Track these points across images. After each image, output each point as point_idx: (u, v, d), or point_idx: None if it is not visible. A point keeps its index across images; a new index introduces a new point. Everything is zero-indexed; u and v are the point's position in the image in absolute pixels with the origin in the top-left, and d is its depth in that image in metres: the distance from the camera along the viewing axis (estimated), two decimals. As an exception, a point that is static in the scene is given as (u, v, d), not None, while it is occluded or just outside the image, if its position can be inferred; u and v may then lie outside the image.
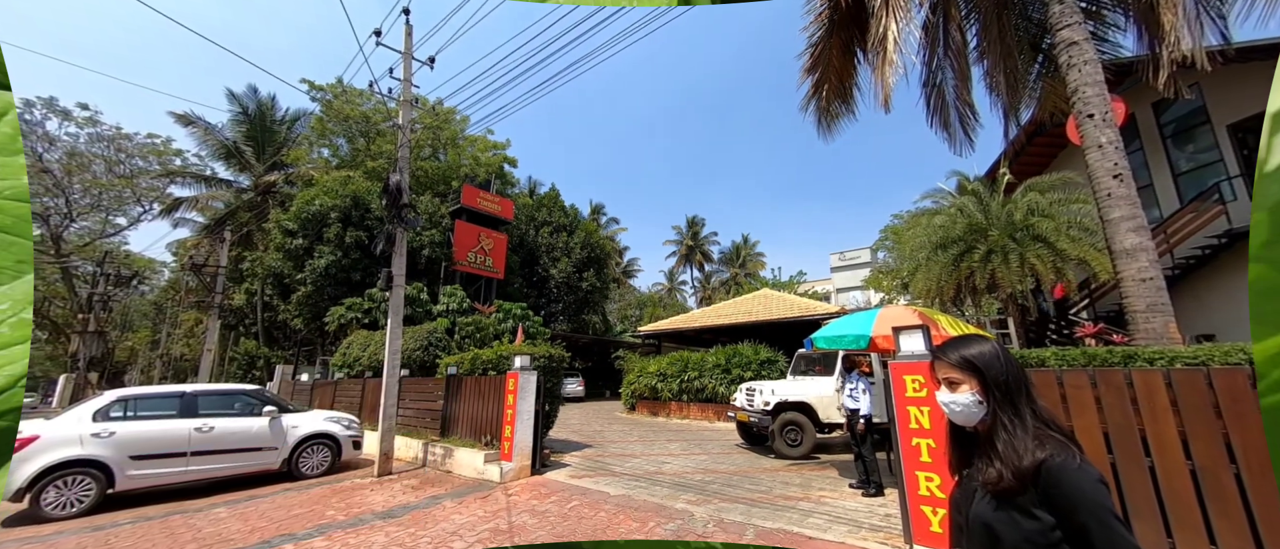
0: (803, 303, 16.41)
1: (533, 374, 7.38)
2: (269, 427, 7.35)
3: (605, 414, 16.51)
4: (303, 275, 16.21)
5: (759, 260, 53.26)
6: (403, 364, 11.68)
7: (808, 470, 7.18)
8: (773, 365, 13.23)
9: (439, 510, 5.57)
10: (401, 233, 8.26)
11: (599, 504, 5.60)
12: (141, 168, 26.44)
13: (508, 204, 23.46)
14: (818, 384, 8.66)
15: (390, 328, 8.03)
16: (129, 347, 32.93)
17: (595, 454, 8.81)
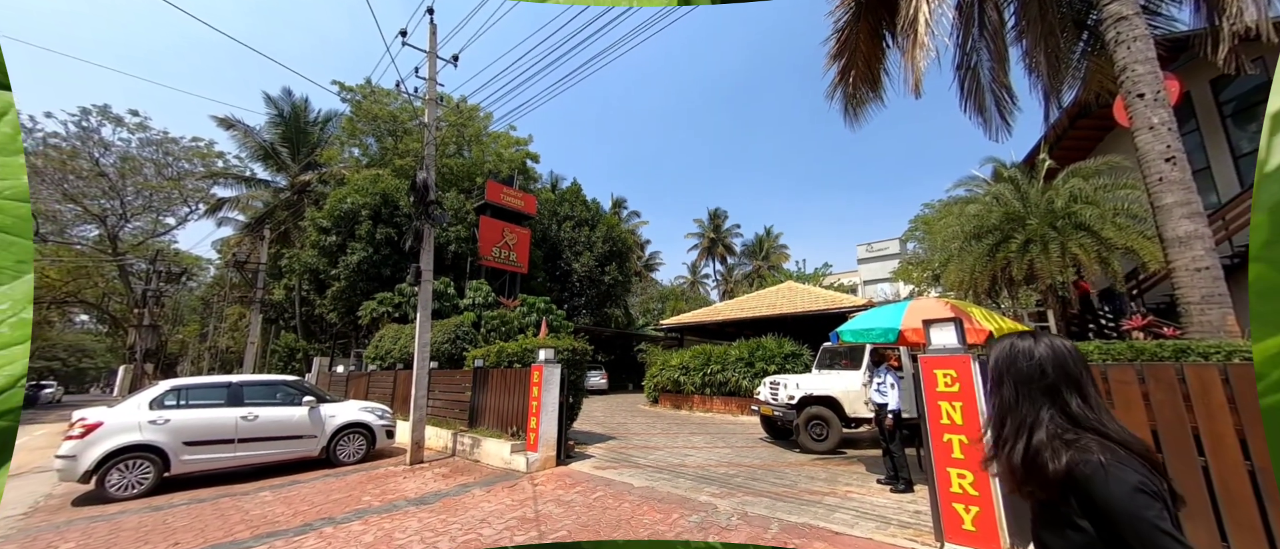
0: (828, 295, 16.10)
1: (556, 367, 7.48)
2: (308, 416, 7.70)
3: (628, 407, 16.64)
4: (336, 271, 16.83)
5: (783, 252, 52.41)
6: (432, 357, 12.02)
7: (834, 465, 7.08)
8: (797, 359, 13.05)
9: (469, 498, 5.74)
10: (429, 229, 8.47)
11: (623, 495, 5.66)
12: (187, 169, 27.85)
13: (530, 199, 23.74)
14: (844, 378, 8.50)
15: (419, 322, 8.26)
16: (180, 339, 34.93)
17: (619, 446, 8.90)
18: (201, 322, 38.01)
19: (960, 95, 6.92)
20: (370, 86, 20.48)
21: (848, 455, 7.81)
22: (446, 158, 22.25)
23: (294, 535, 4.65)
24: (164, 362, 25.88)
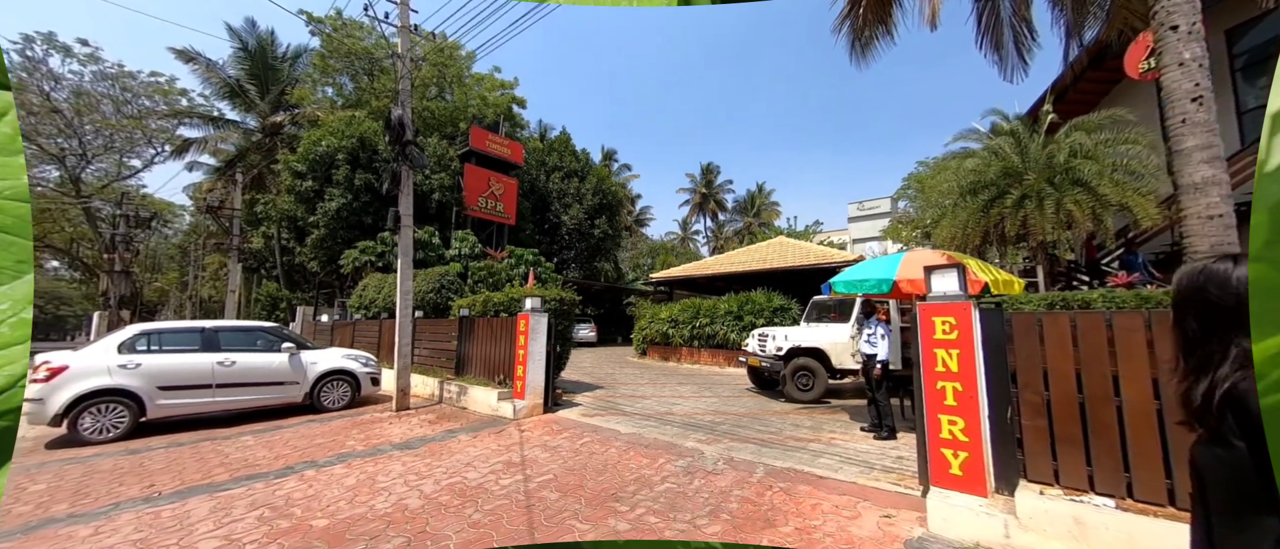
0: (818, 251, 16.02)
1: (543, 316, 7.34)
2: (289, 362, 7.53)
3: (617, 359, 16.80)
4: (315, 218, 16.22)
5: (774, 209, 52.11)
6: (416, 306, 11.81)
7: (819, 414, 7.19)
8: (785, 313, 13.10)
9: (454, 443, 5.71)
10: (407, 172, 8.01)
11: (609, 441, 5.67)
12: (149, 108, 26.14)
13: (517, 147, 22.85)
14: (832, 331, 8.52)
15: (401, 269, 7.98)
16: (159, 288, 34.15)
17: (606, 395, 8.95)
18: (181, 270, 37.09)
19: (977, 30, 6.50)
20: (340, 18, 18.97)
21: (832, 405, 7.94)
22: (427, 100, 21.08)
23: (275, 478, 4.57)
24: (141, 309, 25.29)
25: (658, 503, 3.81)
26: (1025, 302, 3.67)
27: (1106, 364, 2.90)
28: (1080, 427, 2.97)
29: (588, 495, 3.99)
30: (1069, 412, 3.02)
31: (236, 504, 3.95)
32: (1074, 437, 2.99)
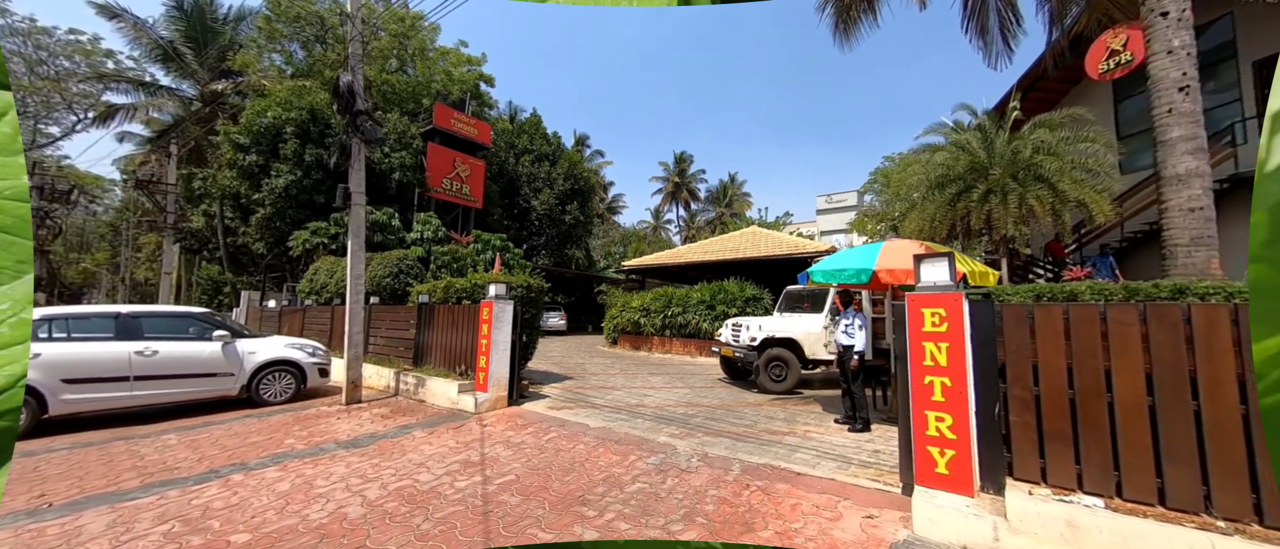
0: (791, 241, 16.07)
1: (508, 304, 6.90)
2: (222, 351, 6.81)
3: (587, 348, 16.45)
4: (261, 195, 14.98)
5: (746, 200, 52.52)
6: (372, 292, 11.09)
7: (792, 405, 7.09)
8: (758, 303, 13.06)
9: (407, 440, 5.26)
10: (358, 146, 7.34)
11: (578, 436, 5.35)
12: (68, 69, 23.53)
13: (485, 127, 21.87)
14: (805, 321, 8.44)
15: (351, 251, 7.34)
16: (85, 269, 31.23)
17: (575, 386, 8.61)
18: (113, 250, 34.01)
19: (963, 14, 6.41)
20: (289, -22, 17.46)
21: (804, 396, 7.88)
22: (387, 73, 19.82)
23: (194, 484, 4.03)
24: (62, 292, 22.93)
25: (629, 506, 3.52)
26: (1010, 293, 3.55)
27: (1100, 358, 2.78)
28: (1070, 423, 2.86)
29: (552, 498, 3.67)
30: (1059, 407, 2.90)
31: (142, 517, 3.42)
32: (1063, 433, 2.87)
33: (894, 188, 28.56)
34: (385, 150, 16.79)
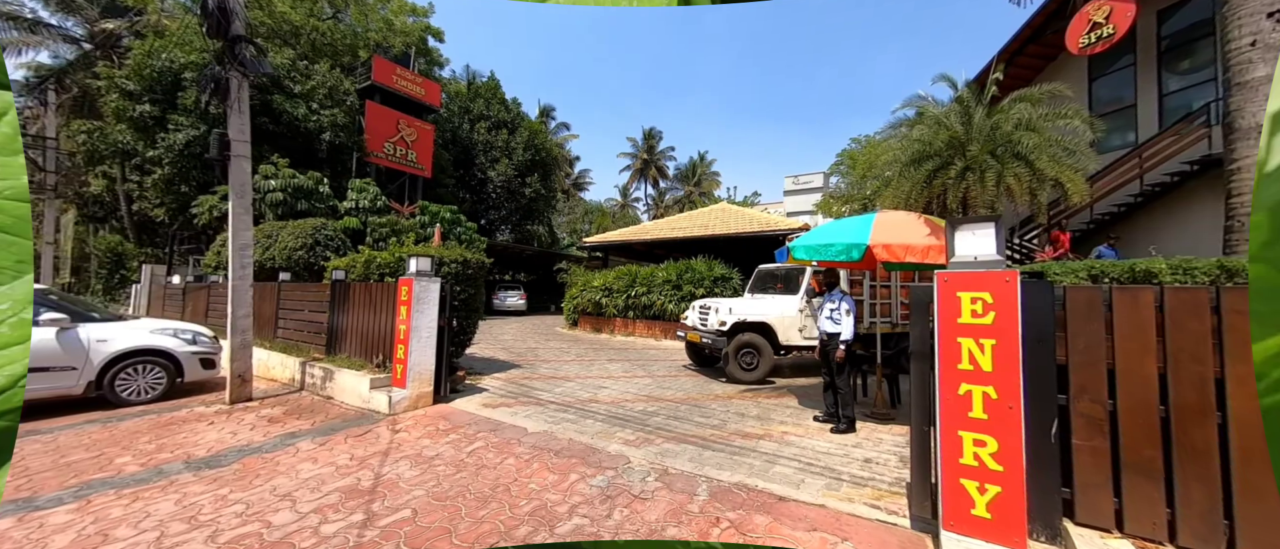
0: (764, 217, 15.33)
1: (433, 282, 5.72)
2: (56, 340, 5.33)
3: (545, 330, 15.34)
4: (156, 153, 12.79)
5: (714, 179, 51.89)
6: (285, 267, 9.56)
7: (764, 398, 6.31)
8: (727, 283, 12.29)
9: (286, 455, 4.10)
10: (238, 80, 5.83)
11: (510, 445, 4.34)
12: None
13: (433, 87, 19.86)
14: (779, 303, 7.67)
15: (232, 214, 5.91)
16: None
17: (522, 376, 7.56)
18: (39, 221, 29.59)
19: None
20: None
21: (777, 385, 7.15)
22: (315, 20, 17.44)
23: (-71, 539, 2.77)
24: None
25: (556, 561, 2.57)
26: (1061, 272, 2.74)
27: (1210, 363, 1.98)
28: (1161, 450, 2.07)
29: (455, 547, 2.67)
30: (1145, 429, 2.11)
31: None
32: (1150, 464, 2.09)
33: (861, 169, 28.47)
34: (312, 106, 14.72)
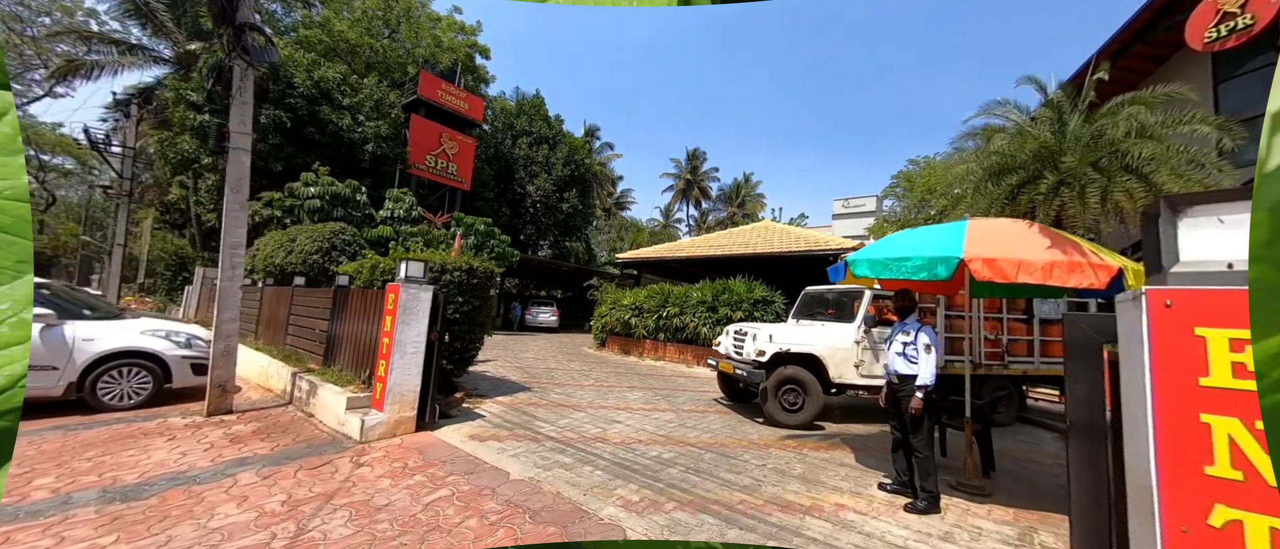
0: (811, 235, 13.99)
1: (424, 290, 5.02)
2: (40, 337, 5.03)
3: (571, 349, 14.56)
4: (210, 160, 13.33)
5: (759, 201, 50.45)
6: (301, 270, 9.33)
7: (811, 449, 5.10)
8: (768, 307, 11.07)
9: (216, 490, 3.39)
10: (243, 68, 5.52)
11: (480, 497, 3.44)
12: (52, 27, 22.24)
13: (477, 102, 20.11)
14: (831, 332, 6.45)
15: (226, 211, 5.53)
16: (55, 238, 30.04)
17: (529, 401, 6.71)
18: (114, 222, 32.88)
19: None
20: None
21: (826, 433, 5.89)
22: (371, 38, 18.12)
23: None
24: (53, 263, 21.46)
25: None
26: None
27: None
28: None
29: None
30: None
31: None
32: None
33: (920, 191, 26.43)
34: (358, 117, 15.04)
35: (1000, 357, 6.39)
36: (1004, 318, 6.58)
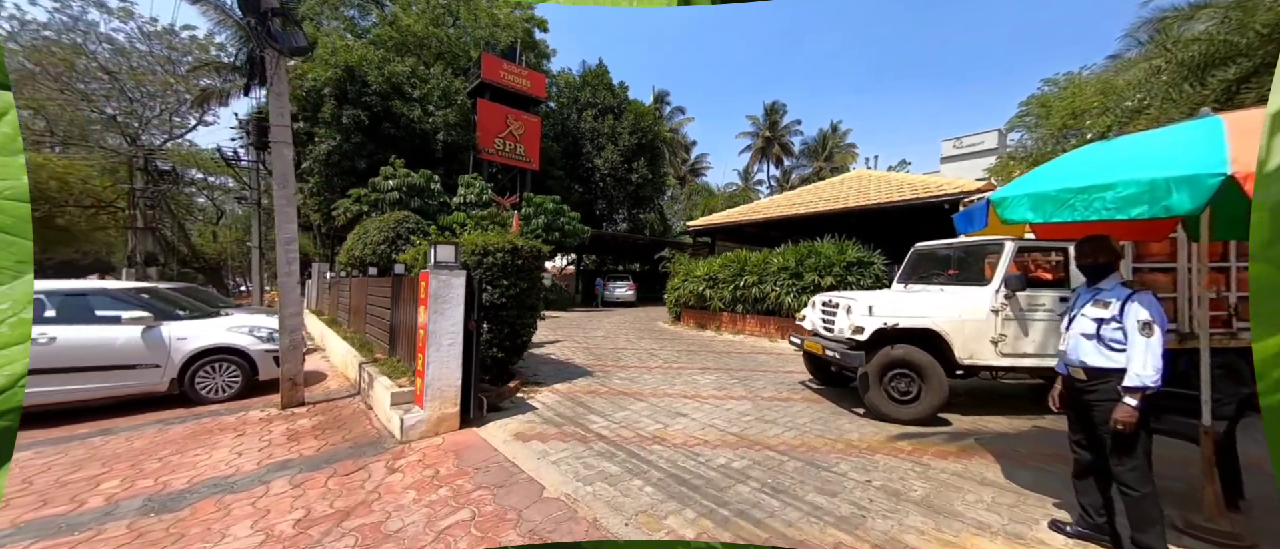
0: (918, 180, 11.67)
1: (457, 276, 4.55)
2: (141, 338, 5.45)
3: (644, 325, 14.00)
4: (307, 164, 14.52)
5: (849, 151, 45.56)
6: (373, 260, 9.64)
7: (934, 455, 3.89)
8: (864, 269, 9.43)
9: (244, 502, 3.20)
10: (274, 57, 5.36)
11: (504, 522, 2.87)
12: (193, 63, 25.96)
13: (538, 78, 19.82)
14: (955, 299, 4.97)
15: (278, 206, 5.50)
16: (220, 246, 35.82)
17: (588, 389, 6.16)
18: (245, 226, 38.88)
19: None
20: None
21: (952, 430, 4.57)
22: (436, 28, 18.44)
23: None
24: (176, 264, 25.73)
25: None
26: None
27: None
28: None
29: None
30: None
31: None
32: None
33: (1060, 115, 21.89)
34: (428, 108, 15.44)
35: (1227, 322, 4.45)
36: (1232, 266, 4.56)
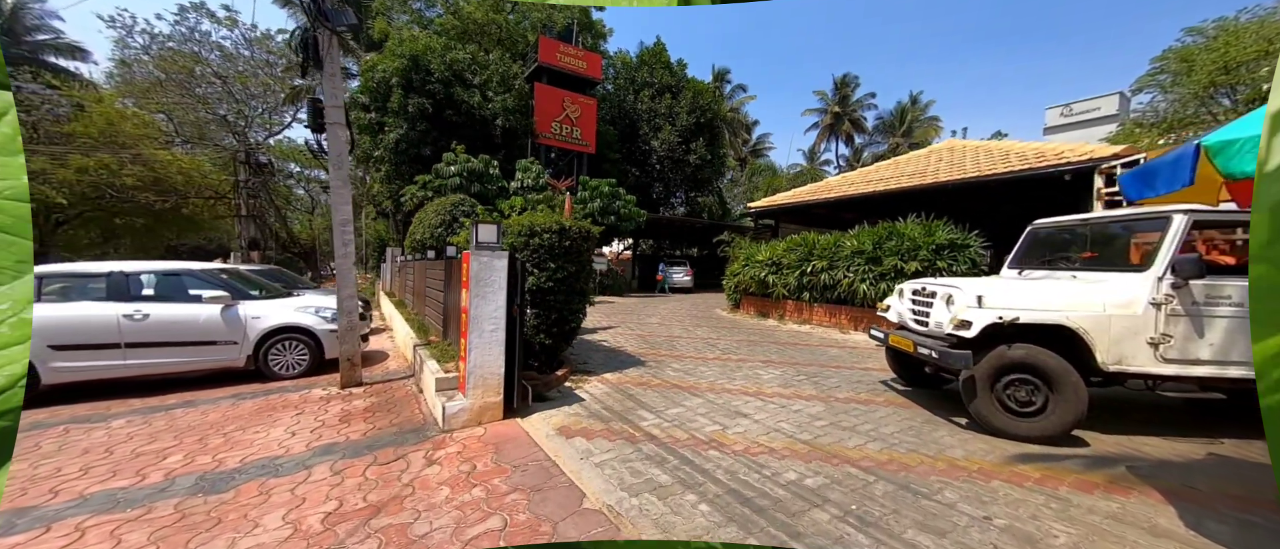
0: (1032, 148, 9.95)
1: (500, 258, 4.27)
2: (221, 316, 5.77)
3: (702, 312, 13.40)
4: (379, 153, 15.24)
5: (932, 125, 41.44)
6: (431, 244, 9.80)
7: (1073, 485, 3.05)
8: (959, 253, 8.20)
9: (284, 488, 3.12)
10: (327, 36, 5.32)
11: (537, 536, 2.52)
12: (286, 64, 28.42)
13: (594, 59, 19.45)
14: (1098, 288, 3.95)
15: (333, 188, 5.54)
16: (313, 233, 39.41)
17: (638, 380, 5.76)
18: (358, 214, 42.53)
19: None
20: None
21: (1091, 452, 3.64)
22: (496, 14, 18.58)
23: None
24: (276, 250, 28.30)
25: None
26: None
27: None
28: None
29: None
30: None
31: None
32: None
33: (1208, 70, 18.68)
34: (487, 94, 15.62)
35: None
36: None
